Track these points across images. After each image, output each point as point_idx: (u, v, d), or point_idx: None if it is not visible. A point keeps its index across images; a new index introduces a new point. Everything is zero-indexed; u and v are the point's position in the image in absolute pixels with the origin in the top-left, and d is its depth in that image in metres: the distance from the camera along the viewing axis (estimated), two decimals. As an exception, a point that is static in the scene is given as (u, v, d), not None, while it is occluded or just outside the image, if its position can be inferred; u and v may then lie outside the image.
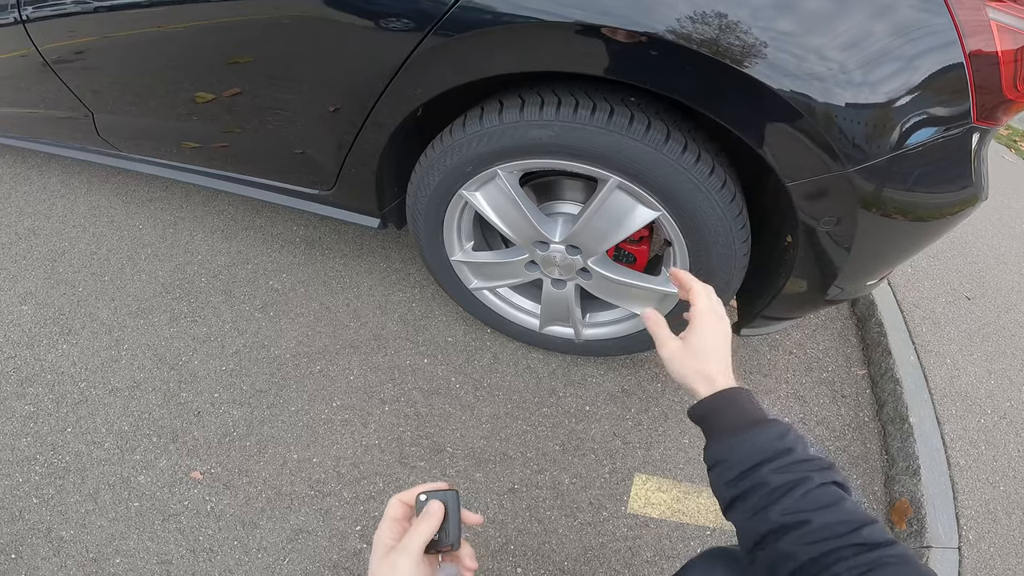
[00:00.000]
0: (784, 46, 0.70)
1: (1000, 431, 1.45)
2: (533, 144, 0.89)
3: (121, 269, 1.55)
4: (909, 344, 1.62)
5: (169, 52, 1.11)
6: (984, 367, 1.64)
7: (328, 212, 1.26)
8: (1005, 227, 2.57)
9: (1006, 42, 0.69)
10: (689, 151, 0.85)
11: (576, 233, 1.02)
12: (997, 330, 1.80)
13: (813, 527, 0.50)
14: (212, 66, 1.09)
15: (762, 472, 0.56)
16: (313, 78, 0.97)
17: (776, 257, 1.03)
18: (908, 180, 0.79)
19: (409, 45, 0.83)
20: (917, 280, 1.87)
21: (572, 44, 0.77)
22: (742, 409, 0.63)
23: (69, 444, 1.17)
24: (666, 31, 0.71)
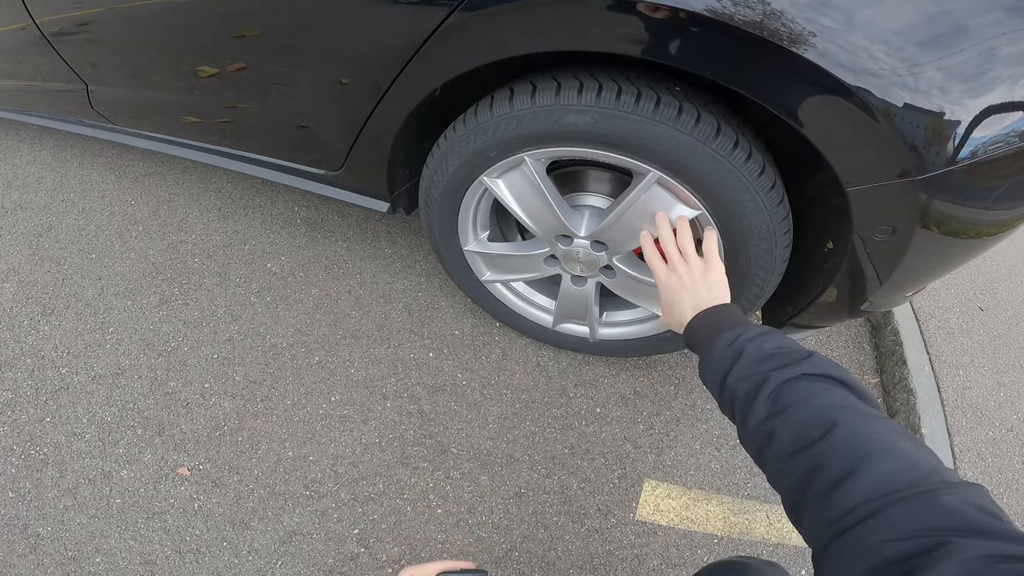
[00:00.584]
0: (862, 37, 0.63)
1: (1007, 444, 1.46)
2: (568, 130, 0.82)
3: (110, 247, 1.46)
4: (924, 354, 1.61)
5: (173, 24, 1.03)
6: (994, 379, 1.64)
7: (334, 194, 1.18)
8: (1018, 239, 2.56)
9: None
10: (740, 148, 0.78)
11: (605, 228, 0.95)
12: (1008, 342, 1.79)
13: (778, 438, 0.49)
14: (218, 39, 1.01)
15: (728, 384, 0.57)
16: (326, 52, 0.89)
17: (814, 264, 0.98)
18: (973, 191, 0.73)
19: (434, 20, 0.75)
20: (933, 290, 1.86)
21: (615, 21, 0.69)
22: (705, 329, 0.68)
23: (48, 435, 1.10)
24: (711, 10, 0.63)
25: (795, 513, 0.46)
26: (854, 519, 0.38)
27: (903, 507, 0.37)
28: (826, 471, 0.43)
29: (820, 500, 0.42)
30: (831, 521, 0.40)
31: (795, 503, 0.46)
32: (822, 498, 0.42)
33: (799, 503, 0.45)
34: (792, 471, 0.46)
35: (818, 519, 0.42)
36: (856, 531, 0.38)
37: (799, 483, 0.45)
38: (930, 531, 0.35)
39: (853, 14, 0.62)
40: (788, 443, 0.47)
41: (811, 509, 0.43)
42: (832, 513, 0.40)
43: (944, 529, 0.35)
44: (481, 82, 0.91)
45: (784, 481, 0.48)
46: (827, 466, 0.43)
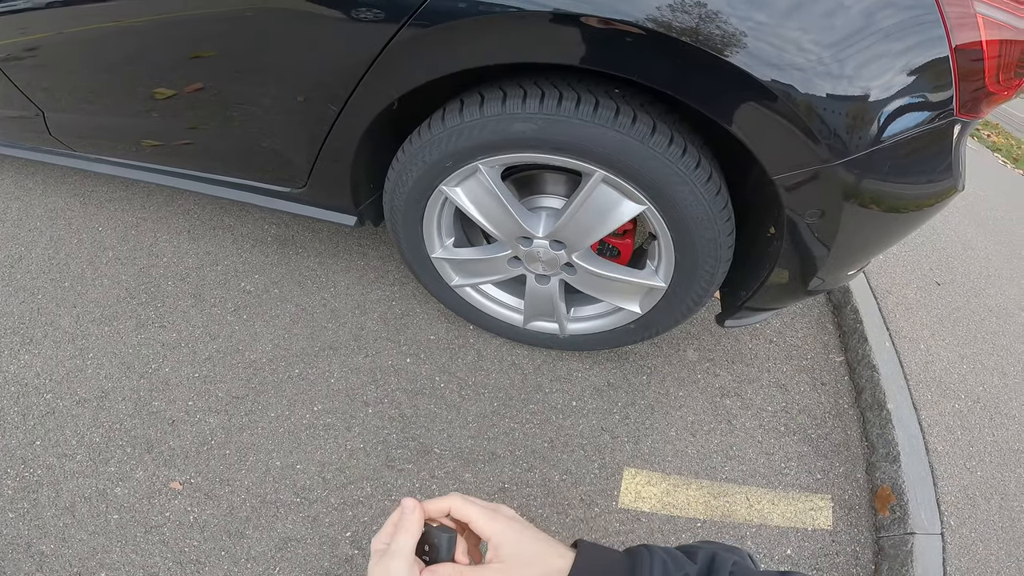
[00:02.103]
0: (771, 36, 0.69)
1: (975, 416, 1.49)
2: (516, 138, 0.87)
3: (82, 274, 1.47)
4: (884, 330, 1.66)
5: (127, 47, 1.05)
6: (956, 352, 1.69)
7: (301, 210, 1.21)
8: (971, 213, 2.65)
9: (991, 35, 0.69)
10: (675, 144, 0.84)
11: (560, 228, 1.00)
12: (967, 315, 1.85)
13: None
14: (174, 61, 1.03)
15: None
16: (283, 72, 0.92)
17: (759, 249, 1.03)
18: (891, 172, 0.79)
19: (384, 37, 0.79)
20: (889, 267, 1.91)
21: (552, 34, 0.74)
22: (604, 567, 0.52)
23: (39, 457, 1.11)
24: (648, 20, 0.69)
25: None
26: None
27: None
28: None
29: None
30: None
31: None
32: None
33: None
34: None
35: None
36: None
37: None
38: None
39: (766, 16, 0.68)
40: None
41: None
42: None
43: None
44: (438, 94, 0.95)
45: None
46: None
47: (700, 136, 0.91)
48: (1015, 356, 1.77)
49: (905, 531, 1.20)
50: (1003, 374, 1.68)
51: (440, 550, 0.51)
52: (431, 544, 0.51)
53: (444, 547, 0.51)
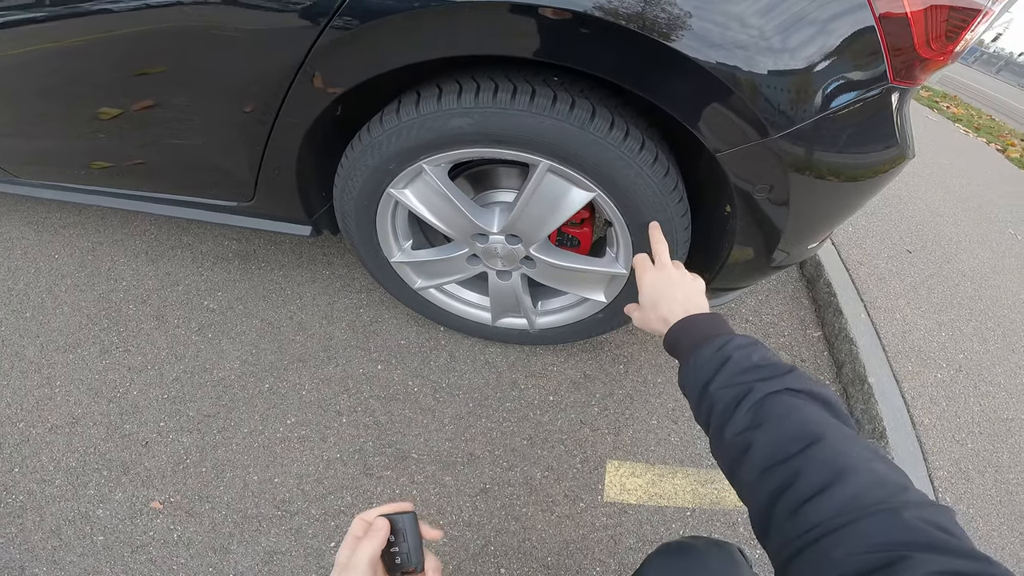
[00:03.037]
0: (697, 14, 0.67)
1: (958, 385, 1.47)
2: (454, 134, 0.85)
3: (42, 303, 1.44)
4: (858, 302, 1.66)
5: (64, 68, 1.01)
6: (933, 319, 1.69)
7: (254, 224, 1.19)
8: (936, 181, 2.67)
9: (915, 3, 0.68)
10: (617, 128, 0.82)
11: (513, 222, 0.98)
12: (941, 281, 1.85)
13: (755, 450, 0.48)
14: (110, 80, 1.00)
15: (711, 391, 0.56)
16: (213, 84, 0.90)
17: (718, 228, 1.02)
18: (833, 142, 0.78)
19: (307, 41, 0.77)
20: (859, 238, 1.92)
21: (481, 25, 0.73)
22: (693, 332, 0.66)
23: (20, 483, 1.11)
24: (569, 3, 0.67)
25: (762, 526, 0.46)
26: (819, 532, 0.39)
27: (867, 523, 0.38)
28: (799, 486, 0.43)
29: (790, 514, 0.42)
30: (798, 534, 0.40)
31: (763, 517, 0.45)
32: (792, 512, 0.42)
33: (767, 517, 0.45)
34: (765, 485, 0.45)
35: (785, 533, 0.42)
36: (821, 544, 0.39)
37: (770, 496, 0.44)
38: (890, 546, 0.36)
39: None
40: (764, 456, 0.47)
41: (779, 523, 0.43)
42: (799, 527, 0.41)
43: (903, 544, 0.36)
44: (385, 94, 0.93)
45: (755, 494, 0.47)
46: (800, 481, 0.43)
47: (646, 119, 0.90)
48: (994, 320, 1.76)
49: None
50: (983, 339, 1.67)
51: (405, 532, 0.55)
52: (395, 530, 0.55)
53: (409, 527, 0.55)
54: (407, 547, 0.55)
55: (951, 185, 2.71)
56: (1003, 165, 3.64)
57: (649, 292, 0.78)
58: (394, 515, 0.55)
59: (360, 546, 0.52)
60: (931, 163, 2.98)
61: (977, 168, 3.28)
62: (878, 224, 2.03)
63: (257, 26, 0.79)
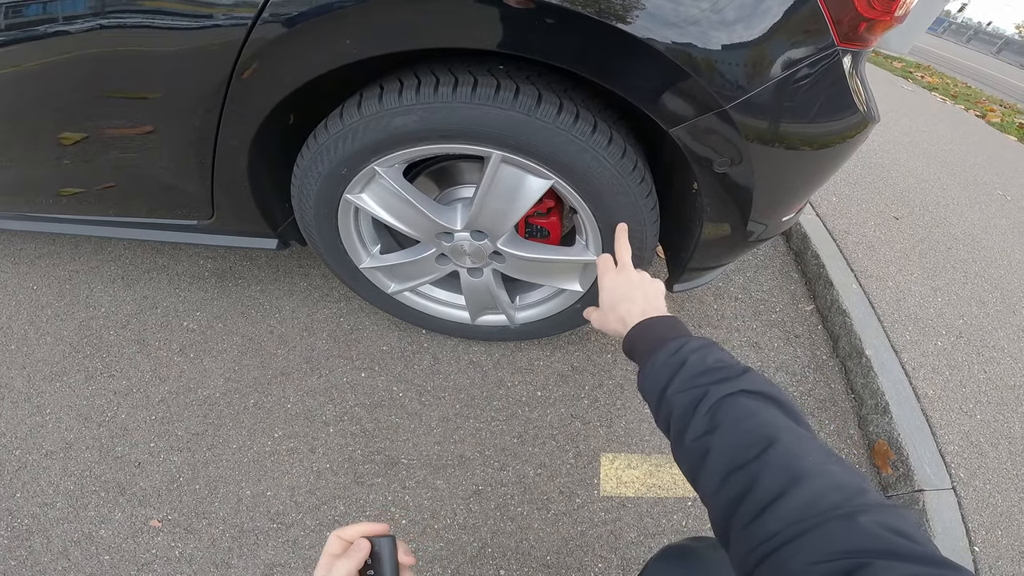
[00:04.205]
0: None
1: (960, 353, 1.42)
2: (400, 133, 0.83)
3: (25, 335, 1.44)
4: (848, 272, 1.62)
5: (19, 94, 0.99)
6: (927, 284, 1.64)
7: (219, 241, 1.18)
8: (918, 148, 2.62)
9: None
10: (566, 111, 0.80)
11: (475, 217, 0.96)
12: (932, 246, 1.81)
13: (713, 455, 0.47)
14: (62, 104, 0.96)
15: (668, 395, 0.55)
16: (151, 103, 0.88)
17: (688, 207, 1.00)
18: (788, 111, 0.76)
19: (231, 52, 0.75)
20: (843, 208, 1.88)
21: (402, 17, 0.71)
22: (650, 336, 0.66)
23: (23, 507, 1.12)
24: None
25: (723, 535, 0.45)
26: (777, 542, 0.38)
27: (824, 530, 0.38)
28: (756, 492, 0.42)
29: (748, 522, 0.41)
30: (756, 544, 0.40)
31: (724, 525, 0.45)
32: (750, 521, 0.41)
33: (727, 525, 0.44)
34: (724, 491, 0.45)
35: (744, 542, 0.41)
36: (780, 554, 0.38)
37: (730, 504, 0.44)
38: (849, 554, 0.35)
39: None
40: (722, 462, 0.46)
41: (739, 532, 0.42)
42: (757, 536, 0.40)
43: (862, 552, 0.35)
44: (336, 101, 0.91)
45: (715, 501, 0.46)
46: (757, 488, 0.42)
47: (600, 101, 0.87)
48: (991, 282, 1.71)
49: (913, 488, 1.12)
50: (982, 303, 1.63)
51: (382, 556, 0.54)
52: (373, 553, 0.54)
53: (387, 552, 0.54)
54: (383, 572, 0.54)
55: (934, 151, 2.65)
56: (985, 130, 3.58)
57: (609, 294, 0.78)
58: (374, 537, 0.55)
59: (336, 565, 0.51)
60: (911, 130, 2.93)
61: (958, 134, 3.23)
62: (862, 193, 1.99)
63: (182, 43, 0.77)
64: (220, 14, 0.73)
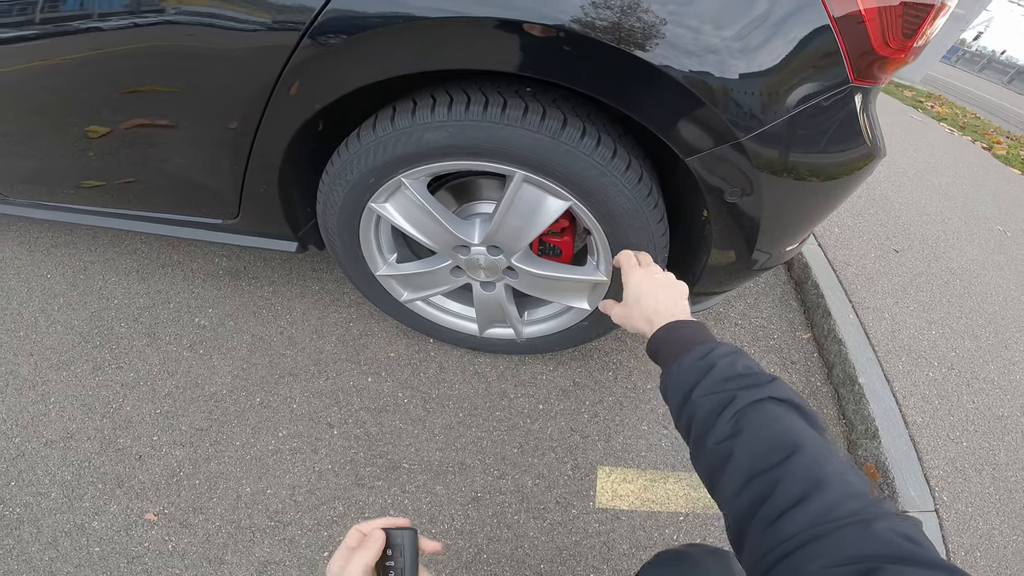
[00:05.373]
0: (660, 22, 0.69)
1: (950, 383, 1.47)
2: (429, 148, 0.86)
3: (35, 322, 1.46)
4: (846, 302, 1.66)
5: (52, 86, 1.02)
6: (923, 317, 1.69)
7: (240, 241, 1.21)
8: (922, 181, 2.68)
9: (868, 3, 0.69)
10: (588, 136, 0.84)
11: (493, 233, 1.00)
12: (929, 280, 1.86)
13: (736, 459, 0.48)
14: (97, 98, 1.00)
15: (693, 398, 0.56)
16: (192, 103, 0.91)
17: (697, 233, 1.03)
18: (800, 143, 0.79)
19: (280, 58, 0.79)
20: (845, 239, 1.92)
21: (447, 39, 0.75)
22: (677, 339, 0.66)
23: (16, 496, 1.12)
24: (538, 16, 0.69)
25: (738, 538, 0.46)
26: (794, 544, 0.40)
27: (840, 535, 0.39)
28: (777, 497, 0.43)
29: (766, 526, 0.42)
30: (772, 546, 0.41)
31: (741, 528, 0.45)
32: (768, 524, 0.42)
33: (745, 528, 0.45)
34: (745, 495, 0.46)
35: (760, 545, 0.42)
36: (795, 557, 0.39)
37: (749, 507, 0.45)
38: (862, 559, 0.37)
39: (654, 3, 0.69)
40: (746, 466, 0.47)
41: (756, 535, 0.43)
42: (775, 539, 0.41)
43: (875, 557, 0.37)
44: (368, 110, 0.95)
45: (735, 504, 0.47)
46: (779, 492, 0.43)
47: (620, 127, 0.91)
48: (984, 316, 1.76)
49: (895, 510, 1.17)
50: (974, 336, 1.67)
51: (403, 548, 0.54)
52: (392, 545, 0.54)
53: (407, 543, 0.54)
54: (403, 563, 0.54)
55: (938, 184, 2.71)
56: (989, 163, 3.66)
57: (634, 290, 0.77)
58: (393, 529, 0.55)
59: (354, 557, 0.52)
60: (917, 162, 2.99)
61: (963, 166, 3.30)
62: (865, 224, 2.04)
63: (232, 44, 0.81)
64: (274, 20, 0.76)
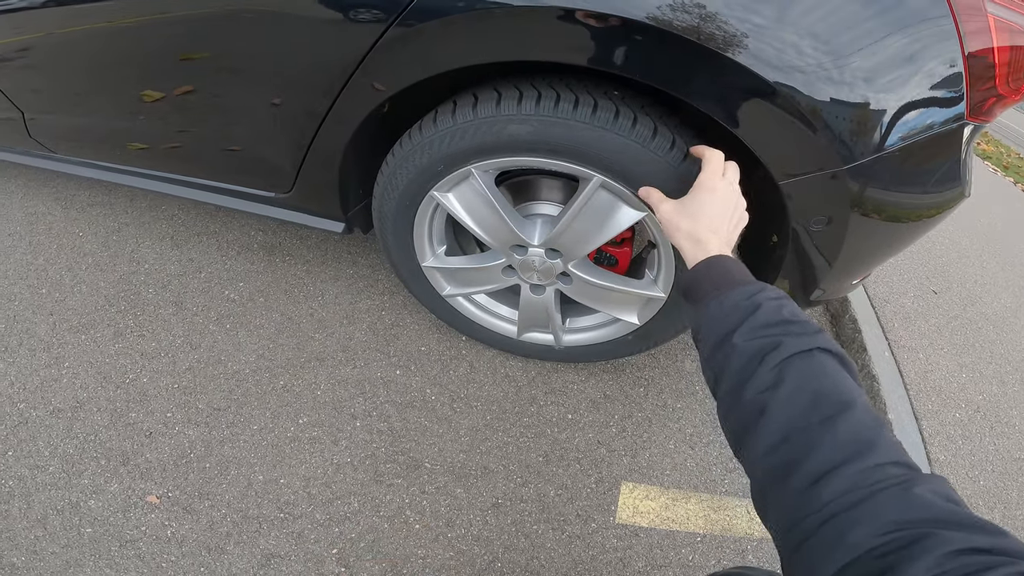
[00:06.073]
0: (779, 36, 0.66)
1: (975, 425, 1.48)
2: (511, 140, 0.83)
3: (60, 281, 1.42)
4: (883, 340, 1.65)
5: (115, 48, 1.01)
6: (955, 360, 1.68)
7: (287, 216, 1.17)
8: (965, 222, 2.67)
9: (1003, 39, 0.67)
10: (677, 148, 0.80)
11: (556, 236, 0.96)
12: (964, 323, 1.85)
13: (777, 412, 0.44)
14: (159, 63, 1.00)
15: (732, 341, 0.51)
16: (267, 73, 0.89)
17: (762, 258, 1.00)
18: (900, 178, 0.77)
19: (372, 35, 0.76)
20: (886, 276, 1.91)
21: (548, 31, 0.71)
22: (721, 274, 0.60)
23: (11, 468, 1.08)
24: (649, 17, 0.66)
25: (765, 500, 0.43)
26: (832, 511, 0.38)
27: (878, 500, 0.37)
28: (819, 455, 0.40)
29: (804, 488, 0.40)
30: (808, 513, 0.39)
31: (769, 489, 0.43)
32: (807, 486, 0.40)
33: (775, 489, 0.42)
34: (781, 453, 0.43)
35: (796, 508, 0.40)
36: (834, 524, 0.37)
37: (785, 466, 0.42)
38: (905, 524, 0.35)
39: (774, 16, 0.65)
40: (785, 420, 0.44)
41: (789, 496, 0.41)
42: (811, 505, 0.39)
43: (919, 522, 0.35)
44: (431, 95, 0.92)
45: (766, 462, 0.44)
46: (822, 451, 0.41)
47: (703, 141, 0.88)
48: (1013, 364, 1.77)
49: None
50: (1002, 382, 1.68)
51: None
52: None
53: None
54: None
55: (978, 226, 2.72)
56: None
57: (707, 199, 0.68)
58: None
59: None
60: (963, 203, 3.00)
61: (1004, 209, 3.30)
62: (906, 263, 2.03)
63: (321, 17, 0.78)
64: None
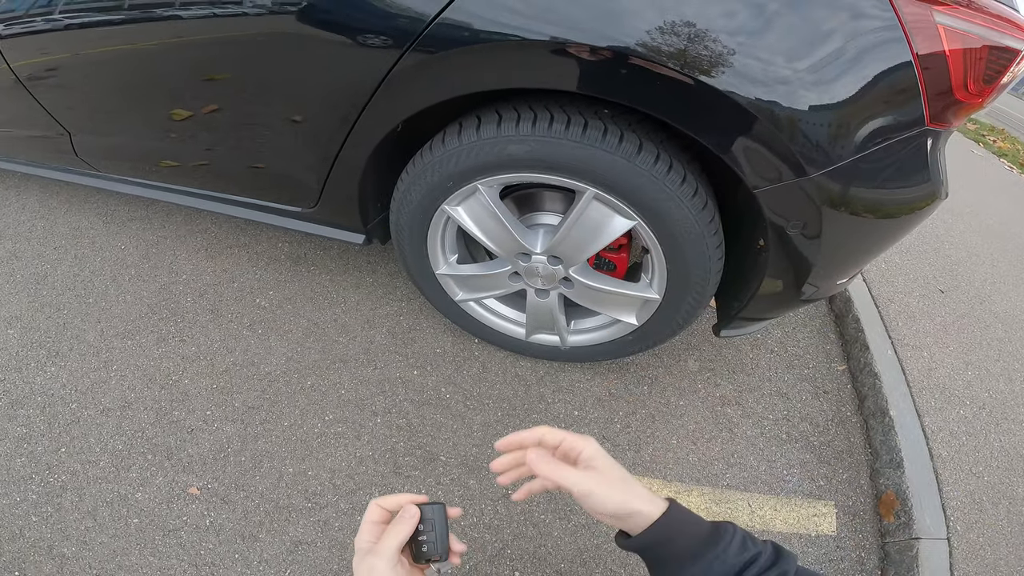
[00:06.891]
0: (741, 55, 0.72)
1: (980, 422, 1.48)
2: (511, 159, 0.92)
3: (105, 291, 1.55)
4: (886, 338, 1.66)
5: (143, 69, 1.10)
6: (961, 358, 1.68)
7: (312, 229, 1.28)
8: (976, 221, 2.64)
9: (954, 44, 0.71)
10: (661, 161, 0.88)
11: (557, 244, 1.05)
12: (972, 322, 1.84)
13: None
14: (189, 83, 1.08)
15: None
16: (293, 96, 0.98)
17: (750, 260, 1.07)
18: (868, 183, 0.82)
19: (388, 62, 0.84)
20: (891, 275, 1.92)
21: (546, 61, 0.79)
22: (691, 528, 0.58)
23: (64, 463, 1.17)
24: (625, 46, 0.74)
25: None
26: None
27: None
28: None
29: None
30: None
31: None
32: None
33: None
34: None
35: None
36: None
37: None
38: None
39: (736, 35, 0.72)
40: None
41: None
42: None
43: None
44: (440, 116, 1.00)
45: None
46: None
47: (688, 153, 0.96)
48: (1021, 361, 1.75)
49: (910, 536, 1.19)
50: (1009, 380, 1.66)
51: (435, 523, 0.56)
52: (424, 519, 0.56)
53: (439, 518, 0.56)
54: (435, 536, 0.56)
55: (990, 225, 2.67)
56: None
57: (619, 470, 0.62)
58: (424, 504, 0.57)
59: (390, 531, 0.53)
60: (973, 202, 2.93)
61: (1018, 207, 3.23)
62: (912, 262, 2.03)
63: (345, 46, 0.87)
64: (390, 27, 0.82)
